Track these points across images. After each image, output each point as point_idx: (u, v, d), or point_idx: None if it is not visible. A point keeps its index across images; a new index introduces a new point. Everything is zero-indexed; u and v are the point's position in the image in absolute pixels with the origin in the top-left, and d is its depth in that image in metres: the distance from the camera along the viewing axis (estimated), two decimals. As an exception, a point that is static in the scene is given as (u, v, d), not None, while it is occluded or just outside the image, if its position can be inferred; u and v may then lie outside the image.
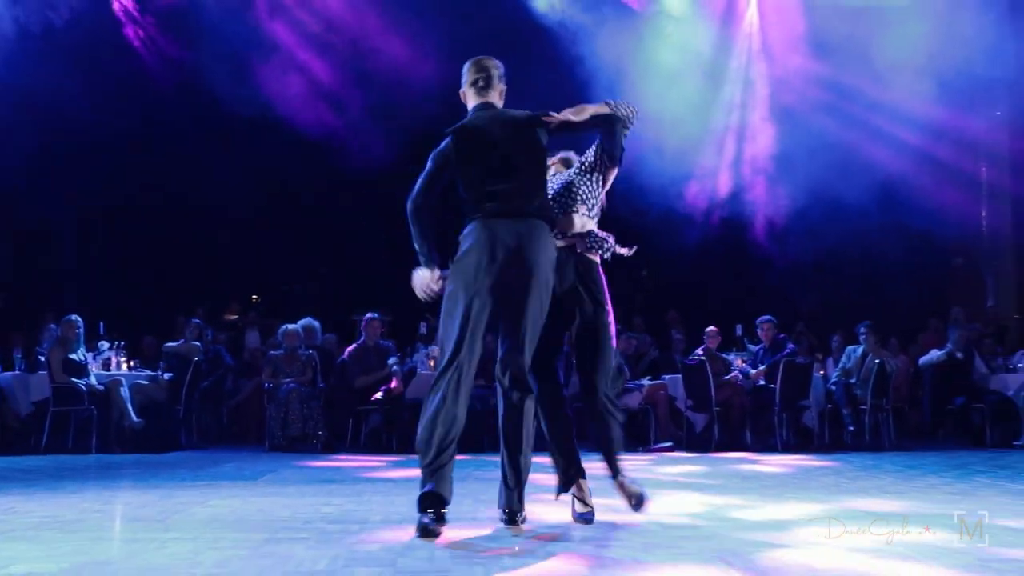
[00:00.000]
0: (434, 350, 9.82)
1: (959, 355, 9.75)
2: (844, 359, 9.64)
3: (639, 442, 9.31)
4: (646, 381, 9.48)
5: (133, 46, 11.96)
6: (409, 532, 3.86)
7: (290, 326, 9.20)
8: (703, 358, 9.24)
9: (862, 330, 9.52)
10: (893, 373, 9.49)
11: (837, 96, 11.95)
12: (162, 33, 12.04)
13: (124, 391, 8.65)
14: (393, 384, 8.74)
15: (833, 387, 9.47)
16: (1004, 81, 12.87)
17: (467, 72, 4.24)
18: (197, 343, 9.54)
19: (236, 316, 12.39)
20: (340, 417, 8.94)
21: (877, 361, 9.26)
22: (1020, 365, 9.86)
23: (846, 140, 11.50)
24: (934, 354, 9.98)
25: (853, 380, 9.39)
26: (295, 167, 12.43)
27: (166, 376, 9.06)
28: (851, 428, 9.23)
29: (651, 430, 9.24)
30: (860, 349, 9.57)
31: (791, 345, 9.57)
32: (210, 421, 9.98)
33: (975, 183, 14.33)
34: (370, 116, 11.73)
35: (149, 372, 9.21)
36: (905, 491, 5.48)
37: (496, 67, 4.23)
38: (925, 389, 10.02)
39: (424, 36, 11.41)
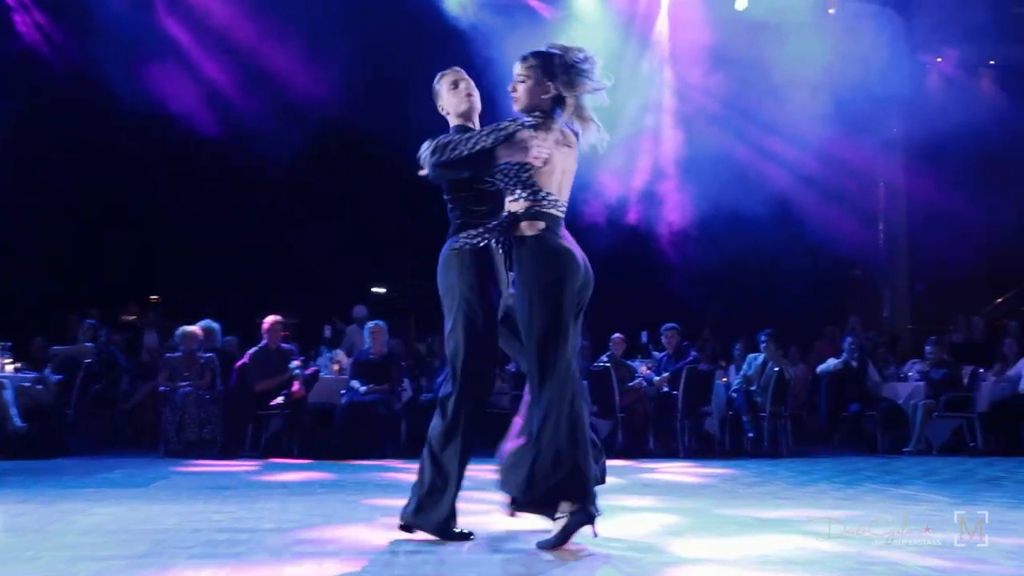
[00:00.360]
0: (339, 354, 9.71)
1: (854, 363, 10.06)
2: (745, 367, 9.85)
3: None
4: (551, 387, 9.50)
5: (19, 31, 11.52)
6: (297, 536, 3.78)
7: (188, 328, 8.95)
8: (608, 364, 9.33)
9: (763, 338, 9.75)
10: (792, 381, 9.76)
11: (739, 109, 12.24)
12: (53, 22, 11.63)
13: (7, 394, 8.25)
14: (295, 388, 8.58)
15: (734, 394, 9.67)
16: (899, 99, 13.38)
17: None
18: (90, 344, 9.19)
19: (134, 317, 12.01)
20: (239, 421, 8.73)
21: (777, 369, 9.50)
22: (911, 374, 10.23)
23: (747, 152, 11.80)
24: (831, 362, 10.28)
25: (754, 387, 9.60)
26: (196, 164, 12.15)
27: (54, 378, 8.70)
28: (751, 434, 9.43)
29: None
30: (761, 357, 9.79)
31: (694, 352, 9.74)
32: (102, 425, 9.64)
33: (872, 197, 14.87)
34: (272, 116, 11.55)
35: (35, 374, 8.83)
36: (796, 496, 5.61)
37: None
38: (821, 396, 10.30)
39: (330, 37, 11.31)
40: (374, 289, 14.36)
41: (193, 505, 4.97)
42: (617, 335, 9.78)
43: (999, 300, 15.02)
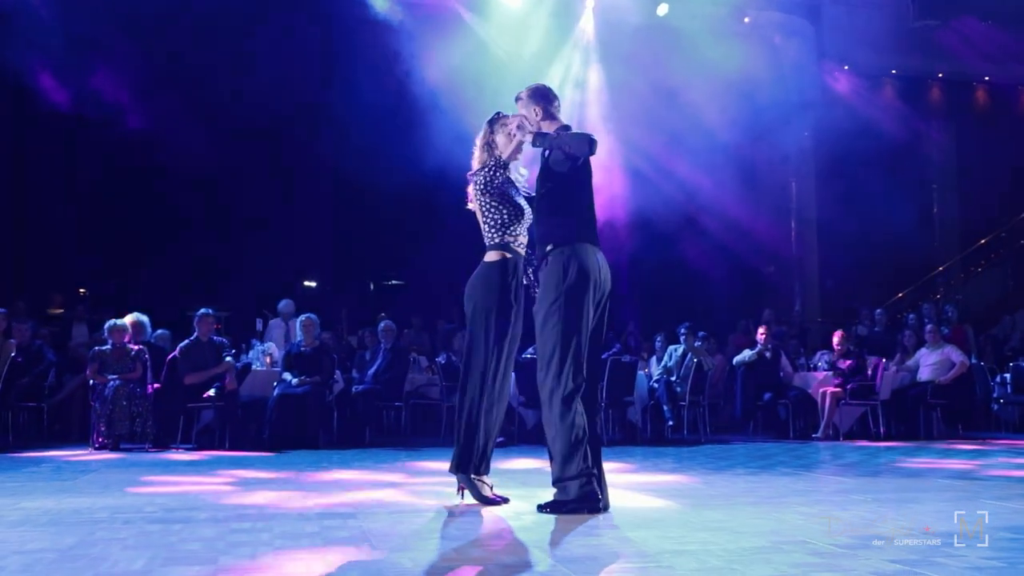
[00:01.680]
0: (271, 346, 9.57)
1: (767, 354, 10.31)
2: (666, 358, 10.02)
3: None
4: (480, 378, 9.53)
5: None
6: (231, 527, 3.73)
7: (118, 321, 8.72)
8: (534, 356, 9.36)
9: (682, 331, 9.93)
10: (710, 371, 9.96)
11: (658, 110, 12.42)
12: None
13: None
14: (227, 381, 8.43)
15: (655, 384, 9.82)
16: (809, 104, 13.74)
17: (547, 93, 4.47)
18: (13, 340, 8.88)
19: (62, 309, 11.64)
20: (170, 415, 8.54)
21: (695, 360, 9.68)
22: (820, 364, 10.54)
23: (666, 152, 11.98)
24: (746, 353, 10.51)
25: (674, 378, 9.78)
26: (127, 156, 11.84)
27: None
28: (671, 423, 9.60)
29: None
30: (680, 349, 9.97)
31: (617, 344, 9.87)
32: (29, 420, 9.33)
33: (784, 198, 15.25)
34: (197, 108, 11.33)
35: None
36: (715, 480, 5.74)
37: None
38: (737, 386, 10.53)
39: (253, 30, 11.15)
40: (305, 283, 14.20)
41: (124, 498, 4.86)
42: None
43: (900, 295, 15.58)
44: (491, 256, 4.38)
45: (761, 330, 10.51)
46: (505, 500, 4.43)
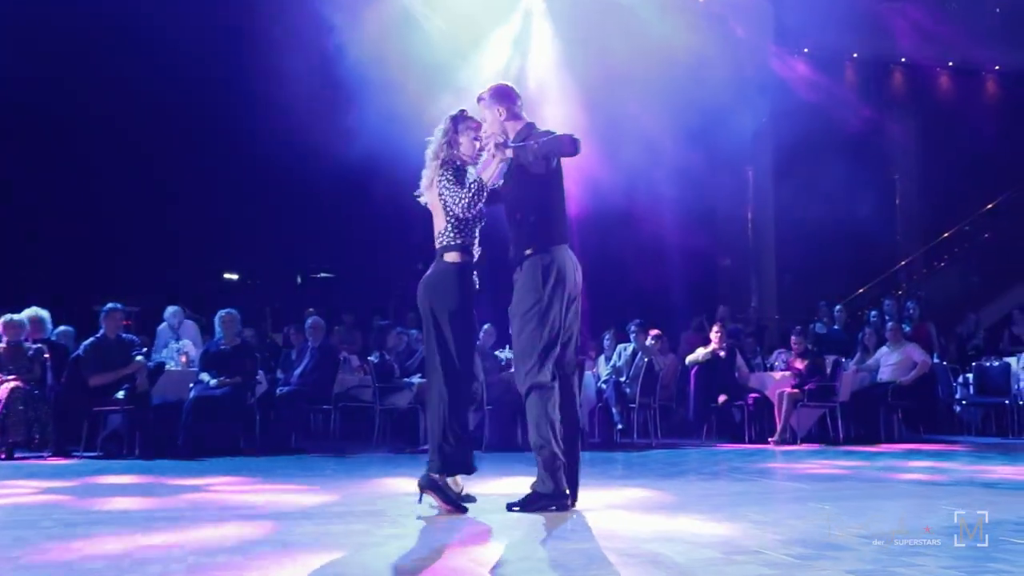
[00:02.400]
0: (187, 344, 9.40)
1: (722, 353, 10.43)
2: (615, 357, 10.08)
3: (408, 442, 9.32)
4: (416, 379, 9.49)
5: None
6: (137, 543, 3.64)
7: (14, 316, 8.46)
8: (476, 354, 9.35)
9: (632, 328, 9.99)
10: (661, 371, 10.04)
11: (610, 93, 12.47)
12: None
13: None
14: (137, 382, 8.24)
15: (604, 385, 9.87)
16: (768, 88, 13.91)
17: (510, 93, 4.71)
18: None
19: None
20: (73, 419, 8.32)
21: (646, 359, 9.75)
22: (777, 364, 10.70)
23: (616, 138, 12.01)
24: (699, 352, 10.62)
25: (623, 378, 9.83)
26: (30, 138, 11.53)
27: None
28: (620, 426, 9.65)
29: (420, 430, 9.25)
30: (630, 347, 10.03)
31: (568, 342, 9.86)
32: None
33: (741, 186, 15.44)
34: (106, 87, 11.08)
35: None
36: (667, 487, 5.78)
37: None
38: (690, 387, 10.63)
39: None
40: (226, 275, 13.97)
41: (14, 515, 4.71)
42: (487, 325, 9.82)
43: (861, 290, 15.89)
44: (452, 256, 4.58)
45: (715, 328, 10.64)
46: (472, 499, 4.71)
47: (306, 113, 10.86)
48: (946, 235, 16.66)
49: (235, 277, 14.09)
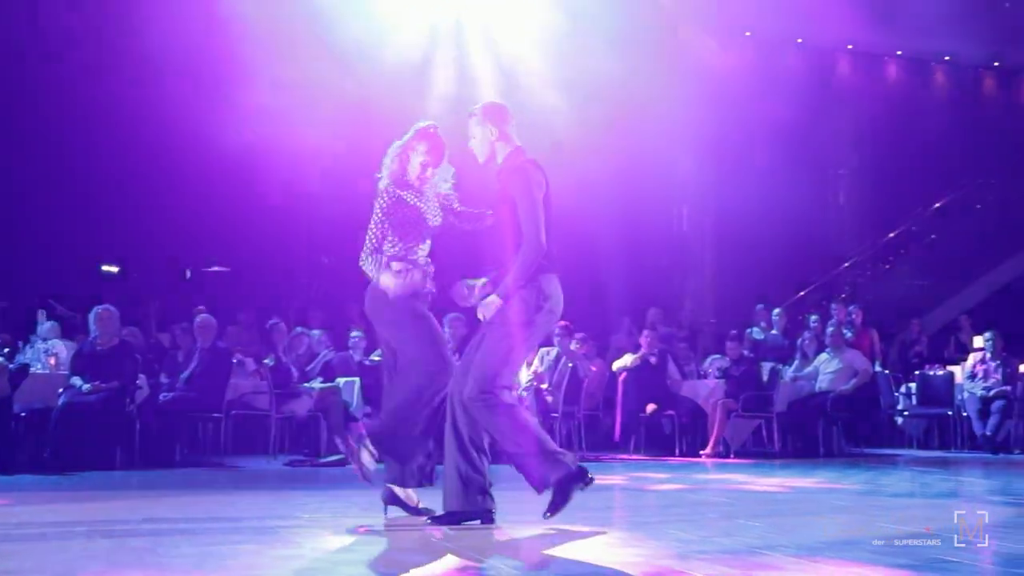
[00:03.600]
0: (56, 345, 9.17)
1: (652, 359, 10.56)
2: (536, 362, 10.13)
3: (309, 453, 9.25)
4: (317, 384, 9.42)
5: None
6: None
7: None
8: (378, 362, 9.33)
9: (556, 331, 10.05)
10: (587, 378, 10.13)
11: (541, 81, 12.55)
12: None
13: None
14: (-2, 386, 8.01)
15: (524, 393, 9.91)
16: (709, 73, 14.09)
17: (504, 113, 4.88)
18: None
19: None
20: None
21: (571, 365, 9.84)
22: (711, 371, 10.88)
23: (544, 125, 12.08)
24: (628, 358, 10.74)
25: (545, 385, 9.90)
26: None
27: None
28: (541, 437, 9.69)
29: (321, 440, 9.19)
30: (553, 351, 10.10)
31: (480, 346, 9.88)
32: None
33: (678, 180, 15.60)
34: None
35: None
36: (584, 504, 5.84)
37: None
38: (618, 395, 10.75)
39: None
40: (104, 268, 13.62)
41: None
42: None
43: (802, 293, 16.23)
44: (396, 268, 4.81)
45: (645, 332, 10.77)
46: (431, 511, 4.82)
47: (191, 95, 10.72)
48: (892, 235, 17.10)
49: (115, 270, 13.75)
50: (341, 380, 9.55)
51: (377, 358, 9.42)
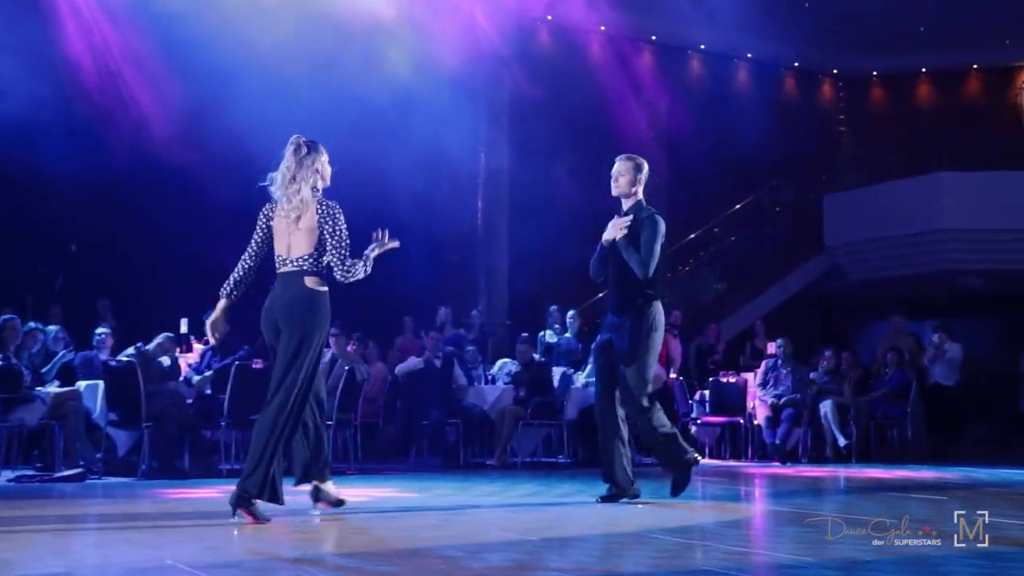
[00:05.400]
0: None
1: (437, 363, 10.54)
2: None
3: (41, 467, 8.77)
4: (53, 389, 8.91)
5: None
6: None
7: None
8: (132, 360, 8.91)
9: (332, 331, 9.87)
10: (365, 382, 10.00)
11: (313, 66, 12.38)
12: None
13: None
14: None
15: (296, 398, 9.69)
16: (506, 60, 14.18)
17: (645, 167, 6.78)
18: None
19: None
20: None
21: (347, 368, 9.69)
22: (500, 377, 10.96)
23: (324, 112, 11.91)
24: (412, 361, 10.70)
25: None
26: None
27: None
28: (312, 447, 9.50)
29: (57, 452, 8.68)
30: (329, 353, 9.92)
31: (247, 347, 9.60)
32: None
33: (471, 168, 15.64)
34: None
35: None
36: (350, 520, 5.74)
37: None
38: (399, 401, 10.69)
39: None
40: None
41: None
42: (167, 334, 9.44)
43: (600, 294, 16.60)
44: (315, 283, 5.49)
45: (432, 333, 10.75)
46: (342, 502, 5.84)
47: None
48: (692, 236, 17.69)
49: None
50: (82, 384, 9.07)
51: (130, 358, 9.01)
